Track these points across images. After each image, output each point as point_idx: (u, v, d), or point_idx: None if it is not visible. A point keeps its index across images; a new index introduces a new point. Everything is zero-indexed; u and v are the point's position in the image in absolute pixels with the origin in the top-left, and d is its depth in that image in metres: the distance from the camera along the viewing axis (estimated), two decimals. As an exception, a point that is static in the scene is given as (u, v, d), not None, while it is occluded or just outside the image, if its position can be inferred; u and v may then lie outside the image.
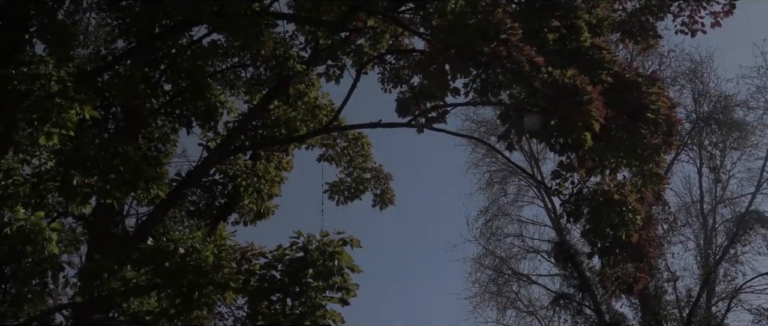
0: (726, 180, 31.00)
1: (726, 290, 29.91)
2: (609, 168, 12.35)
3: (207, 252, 10.92)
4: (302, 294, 10.72)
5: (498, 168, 32.34)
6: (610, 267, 12.90)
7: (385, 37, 15.71)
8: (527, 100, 10.14)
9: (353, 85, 15.23)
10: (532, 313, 31.07)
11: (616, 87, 11.47)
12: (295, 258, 10.94)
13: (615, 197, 12.29)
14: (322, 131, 16.81)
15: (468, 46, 10.35)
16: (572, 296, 30.23)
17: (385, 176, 17.79)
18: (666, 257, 30.14)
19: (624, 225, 12.14)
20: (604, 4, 15.20)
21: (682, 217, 31.19)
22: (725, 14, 14.53)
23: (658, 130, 11.77)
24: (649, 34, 15.01)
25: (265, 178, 16.95)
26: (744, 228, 29.61)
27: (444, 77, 10.61)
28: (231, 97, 16.62)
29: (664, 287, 29.81)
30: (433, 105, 14.75)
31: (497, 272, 31.57)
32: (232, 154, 16.33)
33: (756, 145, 30.64)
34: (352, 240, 11.00)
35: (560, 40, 12.06)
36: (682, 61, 31.50)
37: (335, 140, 17.82)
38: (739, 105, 31.05)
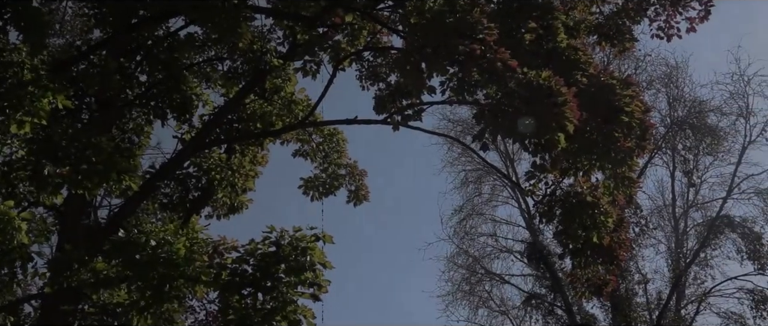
0: (698, 185, 31.29)
1: (695, 293, 30.21)
2: (582, 170, 12.42)
3: (179, 245, 10.86)
4: (273, 289, 10.69)
5: (473, 167, 32.42)
6: (580, 268, 12.98)
7: (363, 34, 15.70)
8: (502, 100, 10.16)
9: (330, 81, 15.21)
10: (504, 313, 31.18)
11: (590, 89, 11.53)
12: (267, 252, 10.91)
13: (587, 199, 12.35)
14: (298, 126, 16.78)
15: (445, 45, 10.38)
16: (544, 296, 30.39)
17: (359, 172, 17.78)
18: (637, 259, 30.39)
19: (596, 228, 12.20)
20: (582, 7, 15.29)
21: (654, 220, 31.44)
22: (700, 20, 14.63)
23: (632, 134, 11.83)
24: (625, 37, 15.10)
25: (239, 172, 16.89)
26: (714, 232, 29.92)
27: (420, 75, 10.62)
28: (207, 89, 16.59)
29: (634, 289, 30.05)
30: (409, 103, 14.76)
31: (470, 271, 31.64)
32: (206, 147, 16.25)
33: (728, 151, 30.99)
34: (324, 236, 10.99)
35: (536, 41, 12.11)
36: (657, 65, 31.79)
37: (311, 136, 17.80)
38: (712, 110, 31.36)
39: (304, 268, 10.76)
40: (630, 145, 11.96)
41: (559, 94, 9.92)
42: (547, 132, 9.97)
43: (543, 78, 10.12)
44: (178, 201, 16.38)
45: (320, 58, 15.59)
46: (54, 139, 11.65)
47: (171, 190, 16.54)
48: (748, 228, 29.77)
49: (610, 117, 11.59)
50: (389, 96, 15.41)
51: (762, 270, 29.00)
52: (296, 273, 10.75)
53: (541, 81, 10.09)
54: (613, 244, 12.77)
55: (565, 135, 10.10)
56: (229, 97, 16.32)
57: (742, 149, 30.31)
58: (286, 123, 16.91)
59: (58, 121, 12.70)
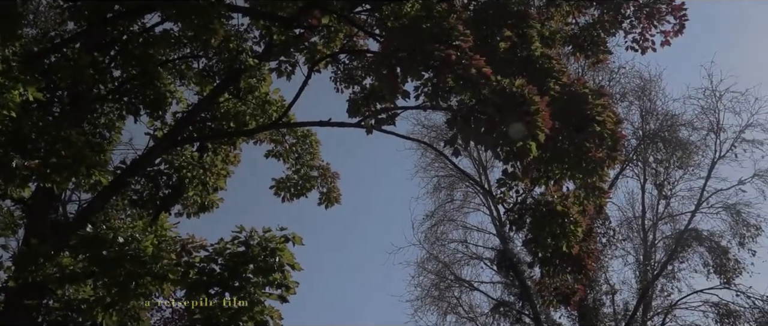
0: (668, 198, 31.57)
1: (662, 305, 30.48)
2: (553, 179, 12.49)
3: (147, 242, 10.78)
4: (241, 289, 10.64)
5: (446, 173, 32.51)
6: (549, 277, 13.05)
7: (339, 37, 15.70)
8: (475, 107, 10.19)
9: (305, 82, 15.19)
10: (472, 319, 31.25)
11: (563, 97, 11.60)
12: (236, 252, 10.85)
13: (558, 208, 12.42)
14: (272, 126, 16.74)
15: (420, 50, 10.40)
16: (512, 304, 30.51)
17: (332, 175, 17.77)
18: (606, 270, 30.61)
19: (565, 237, 12.27)
20: (558, 17, 15.40)
21: (624, 232, 31.67)
22: (675, 34, 14.78)
23: (603, 144, 11.92)
24: (599, 48, 15.24)
25: (211, 171, 16.82)
26: (682, 245, 30.21)
27: (395, 79, 10.63)
28: (181, 87, 16.49)
29: (602, 299, 30.27)
30: (383, 107, 14.77)
31: (440, 277, 31.70)
32: (178, 144, 16.15)
33: (698, 165, 31.28)
34: (294, 238, 10.96)
35: (511, 49, 12.17)
36: (631, 78, 32.09)
37: (284, 136, 17.76)
38: (684, 124, 31.67)
39: (273, 269, 10.72)
40: (601, 155, 12.05)
41: (531, 103, 9.97)
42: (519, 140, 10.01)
43: (516, 86, 10.17)
44: (148, 198, 16.26)
45: (296, 59, 15.57)
46: (23, 131, 11.52)
47: (141, 187, 16.42)
48: (715, 243, 30.09)
49: (582, 126, 11.66)
50: (363, 99, 15.42)
51: (727, 284, 29.33)
52: (265, 273, 10.71)
53: (515, 89, 10.14)
54: (582, 254, 12.85)
55: (536, 143, 10.14)
56: (203, 95, 16.24)
57: (711, 164, 30.65)
58: (260, 123, 16.86)
59: (29, 114, 12.54)
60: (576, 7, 15.24)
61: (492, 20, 12.51)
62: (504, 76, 10.59)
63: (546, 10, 15.44)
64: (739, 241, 29.86)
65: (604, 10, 15.03)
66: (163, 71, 15.80)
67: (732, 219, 30.28)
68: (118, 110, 15.71)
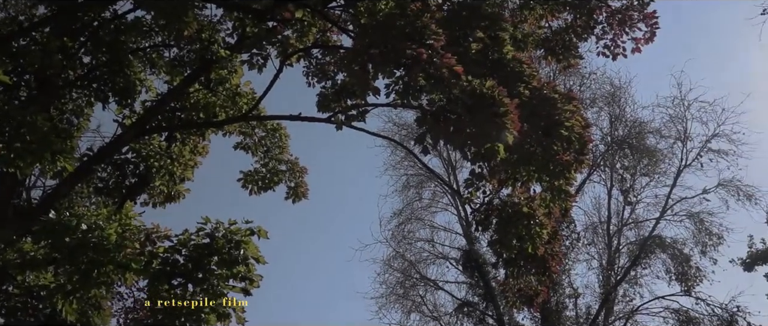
0: (633, 204, 31.88)
1: (624, 310, 30.79)
2: (520, 181, 12.55)
3: (110, 231, 10.71)
4: (204, 281, 10.63)
5: (415, 172, 32.59)
6: (513, 278, 13.11)
7: (313, 31, 15.64)
8: (445, 106, 10.22)
9: (276, 76, 15.14)
10: (436, 318, 31.36)
11: (533, 101, 11.66)
12: (200, 244, 10.85)
13: (524, 210, 12.49)
14: (241, 119, 16.65)
15: (392, 47, 10.41)
16: (476, 305, 30.64)
17: (300, 169, 17.72)
18: (569, 273, 30.87)
19: (530, 239, 12.34)
20: (532, 20, 15.47)
21: (589, 236, 31.96)
22: (646, 41, 14.89)
23: (571, 148, 11.99)
24: (571, 53, 15.33)
25: (178, 161, 16.71)
26: (646, 251, 30.52)
27: (366, 75, 10.62)
28: (151, 75, 16.31)
29: (565, 302, 30.51)
30: (354, 103, 14.75)
31: (405, 275, 31.78)
32: (147, 133, 16.02)
33: (664, 173, 31.64)
34: (259, 231, 10.95)
35: (483, 50, 12.19)
36: (602, 83, 32.37)
37: (253, 129, 17.68)
38: (652, 132, 32.01)
39: (237, 262, 10.72)
40: (568, 159, 12.12)
41: (501, 104, 10.01)
42: (487, 141, 10.05)
43: (487, 87, 10.21)
44: (113, 187, 16.11)
45: (268, 52, 15.50)
46: (-12, 114, 11.40)
47: (108, 175, 16.26)
48: (678, 250, 30.45)
49: (550, 130, 11.72)
50: (334, 95, 15.39)
51: (688, 291, 29.71)
52: (229, 266, 10.71)
53: (485, 90, 10.17)
54: (547, 256, 12.93)
55: (504, 145, 10.19)
56: (173, 84, 16.11)
57: (677, 172, 31.01)
58: (230, 115, 16.76)
59: (-6, 97, 12.42)
60: (549, 11, 15.31)
61: (465, 21, 12.53)
62: (475, 77, 10.61)
63: (519, 13, 15.51)
64: (701, 250, 30.28)
65: (576, 15, 15.12)
66: (134, 59, 15.66)
67: (695, 228, 30.69)
68: (87, 97, 15.53)
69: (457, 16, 12.71)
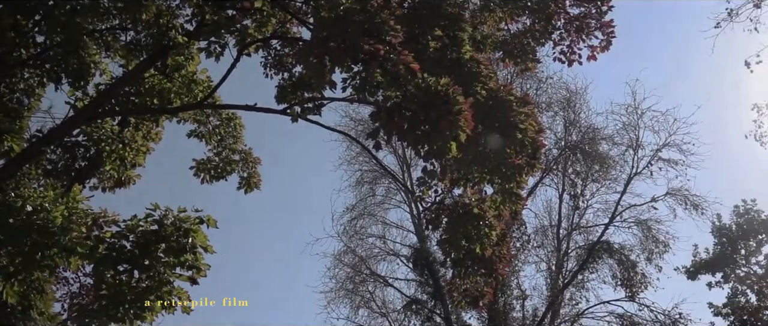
0: (583, 209, 32.27)
1: (569, 313, 31.17)
2: (472, 182, 12.62)
3: (56, 213, 10.55)
4: (151, 268, 10.54)
5: (370, 168, 32.63)
6: (460, 278, 13.17)
7: (272, 22, 15.56)
8: (400, 103, 10.24)
9: (233, 65, 15.03)
10: (383, 315, 31.44)
11: (488, 102, 11.72)
12: (148, 230, 10.74)
13: (474, 211, 12.55)
14: (196, 106, 16.52)
15: (350, 42, 10.40)
16: (424, 303, 30.78)
17: (253, 160, 17.63)
18: (518, 275, 31.17)
19: (479, 239, 12.40)
20: (491, 22, 15.57)
21: (539, 239, 32.28)
22: (602, 49, 15.05)
23: (524, 151, 12.08)
24: (528, 57, 15.43)
25: (130, 146, 16.53)
26: (594, 256, 30.91)
27: (323, 69, 10.60)
28: (106, 58, 16.07)
29: (512, 304, 30.80)
30: (310, 96, 14.71)
31: (355, 270, 31.81)
32: (99, 117, 15.82)
33: (615, 179, 32.04)
34: (209, 220, 10.87)
35: (441, 49, 12.24)
36: (558, 88, 32.67)
37: (208, 117, 17.54)
38: (605, 139, 32.39)
39: (185, 250, 10.64)
40: (520, 162, 12.21)
41: (455, 103, 10.05)
42: (440, 138, 10.09)
43: (442, 85, 10.25)
44: (62, 169, 15.89)
45: (226, 41, 15.39)
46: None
47: (57, 157, 16.04)
48: (625, 256, 30.89)
49: (504, 132, 11.80)
50: (292, 86, 15.33)
51: (633, 297, 30.18)
52: (176, 254, 10.62)
53: (440, 88, 10.21)
54: (494, 258, 13.01)
55: (457, 144, 10.23)
56: (128, 68, 15.91)
57: (628, 179, 31.39)
58: (185, 102, 16.61)
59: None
60: (509, 14, 15.42)
61: (425, 19, 12.56)
62: (432, 75, 10.64)
63: (480, 14, 15.60)
64: (648, 256, 30.76)
65: (535, 19, 15.23)
66: (89, 41, 15.42)
67: (642, 235, 31.15)
68: (39, 77, 15.28)
69: (416, 14, 12.73)
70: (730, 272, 32.38)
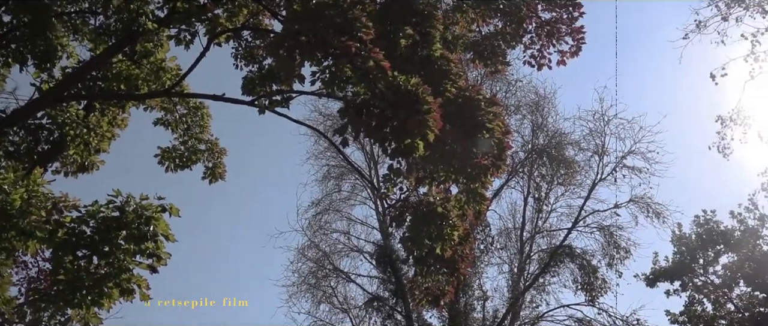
0: (547, 213, 32.50)
1: (529, 316, 31.39)
2: (438, 181, 12.65)
3: (15, 196, 10.40)
4: (110, 255, 10.44)
5: (337, 163, 32.62)
6: (421, 276, 13.21)
7: (244, 13, 15.49)
8: (369, 99, 10.25)
9: (202, 54, 14.94)
10: (345, 311, 31.44)
11: (457, 101, 11.76)
12: (109, 216, 10.64)
13: (438, 210, 12.58)
14: (164, 94, 16.39)
15: (321, 36, 10.38)
16: (386, 300, 30.83)
17: (220, 150, 17.53)
18: (480, 276, 31.31)
19: (441, 239, 12.43)
20: (463, 23, 15.62)
21: (502, 241, 32.44)
22: (572, 55, 15.16)
23: (490, 152, 12.14)
24: (498, 59, 15.51)
25: (95, 131, 16.35)
26: (556, 260, 31.15)
27: (292, 62, 10.57)
28: (74, 41, 15.92)
29: (473, 304, 30.93)
30: (279, 89, 14.66)
31: (318, 265, 31.76)
32: (65, 100, 15.64)
33: (580, 184, 32.28)
34: (171, 208, 10.80)
35: (412, 47, 12.26)
36: (527, 92, 32.87)
37: (175, 106, 17.40)
38: (571, 144, 32.63)
39: (146, 238, 10.57)
40: (486, 162, 12.28)
41: (424, 103, 10.08)
42: (408, 137, 10.11)
43: (411, 84, 10.27)
44: (25, 152, 15.68)
45: (196, 29, 15.30)
46: None
47: (20, 139, 15.82)
48: (586, 261, 31.15)
49: (472, 132, 11.84)
50: (260, 78, 15.26)
51: (592, 301, 30.47)
52: (137, 241, 10.54)
53: (410, 86, 10.23)
54: (456, 257, 13.05)
55: (424, 143, 10.26)
56: (96, 52, 15.75)
57: (592, 185, 31.65)
58: (152, 89, 16.48)
59: None
60: (481, 15, 15.48)
61: (396, 16, 12.57)
62: (402, 73, 10.66)
63: (452, 14, 15.64)
64: (609, 262, 31.03)
65: (507, 22, 15.31)
66: (57, 23, 15.24)
67: (604, 241, 31.40)
68: (4, 57, 15.07)
69: (388, 11, 12.73)
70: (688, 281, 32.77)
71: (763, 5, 24.21)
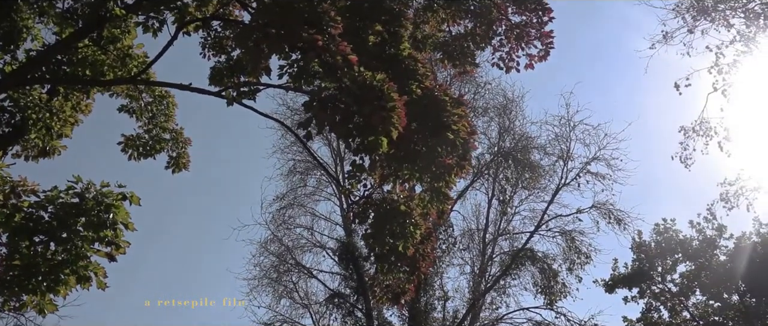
0: (510, 216, 32.68)
1: (489, 317, 31.55)
2: (402, 179, 12.65)
3: (-27, 178, 10.26)
4: (68, 241, 10.33)
5: (303, 158, 32.54)
6: (382, 273, 13.20)
7: (213, 2, 15.37)
8: (335, 94, 10.21)
9: (170, 42, 14.77)
10: (305, 306, 31.38)
11: (423, 100, 11.77)
12: (68, 203, 10.53)
13: (401, 208, 12.57)
14: (130, 81, 16.21)
15: (289, 29, 10.33)
16: (347, 297, 30.81)
17: (184, 140, 17.37)
18: (442, 276, 31.41)
19: (403, 237, 12.42)
20: (433, 23, 15.65)
21: (465, 242, 32.57)
22: (540, 59, 15.25)
23: (454, 152, 12.16)
24: (467, 60, 15.57)
25: (58, 116, 16.15)
26: (517, 263, 31.34)
27: (259, 54, 10.51)
28: (39, 24, 15.70)
29: (434, 304, 31.01)
30: (246, 80, 14.57)
31: (281, 260, 31.67)
32: (28, 83, 15.42)
33: (544, 189, 32.52)
34: (132, 197, 10.71)
35: (380, 44, 12.25)
36: (495, 95, 33.02)
37: (141, 93, 17.23)
38: (537, 148, 32.85)
39: (105, 225, 10.47)
40: (451, 162, 12.30)
41: (389, 99, 10.06)
42: (372, 133, 10.10)
43: (377, 80, 10.25)
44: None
45: (165, 17, 15.12)
46: None
47: (-19, 121, 15.59)
48: (548, 265, 31.37)
49: (437, 131, 11.86)
50: (228, 69, 15.16)
51: (551, 305, 30.70)
52: (95, 228, 10.44)
53: (375, 82, 10.22)
54: (418, 256, 13.06)
55: (388, 140, 10.25)
56: (61, 36, 15.54)
57: (556, 189, 31.91)
58: (118, 75, 16.29)
59: None
60: (452, 15, 15.52)
61: (366, 13, 12.56)
62: (369, 69, 10.64)
63: (423, 13, 15.67)
64: (569, 267, 31.29)
65: (477, 23, 15.37)
66: (23, 4, 15.04)
67: (566, 245, 31.65)
68: (-34, 38, 14.86)
69: (358, 8, 12.72)
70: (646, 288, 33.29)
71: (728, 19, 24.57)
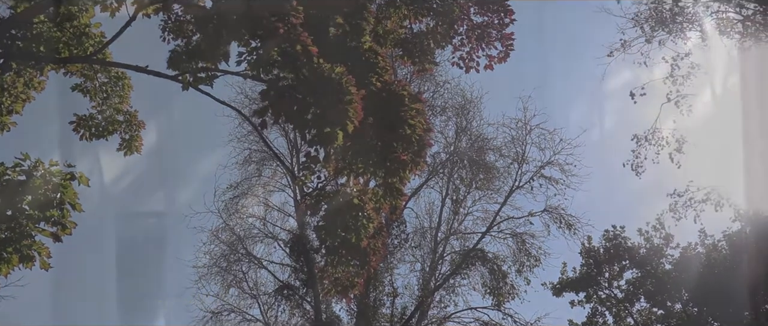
0: (463, 215, 32.83)
1: (437, 315, 31.70)
2: (356, 173, 12.64)
3: None
4: (13, 219, 10.15)
5: (258, 148, 32.31)
6: (332, 266, 13.19)
7: (175, -15, 15.17)
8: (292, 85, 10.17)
9: (128, 22, 14.56)
10: (254, 297, 31.24)
11: (382, 94, 11.77)
12: (15, 180, 10.35)
13: (354, 201, 12.56)
14: (85, 60, 15.95)
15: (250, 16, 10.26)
16: (296, 289, 30.73)
17: (138, 123, 17.13)
18: (392, 272, 31.46)
19: (355, 230, 12.42)
20: (395, 18, 15.61)
21: (417, 239, 32.63)
22: (500, 60, 15.30)
23: (410, 148, 12.18)
24: (427, 58, 15.57)
25: (9, 92, 15.82)
26: (467, 262, 31.53)
27: (218, 39, 10.43)
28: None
29: (383, 300, 31.08)
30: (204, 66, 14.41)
31: (231, 249, 31.47)
32: (-21, 57, 15.09)
33: (497, 190, 32.69)
34: (81, 177, 10.55)
35: (341, 36, 12.21)
36: (454, 94, 33.08)
37: (96, 73, 16.95)
38: (493, 150, 33.00)
39: (52, 204, 10.30)
40: (406, 158, 12.32)
41: (346, 93, 10.05)
42: (327, 125, 10.07)
43: (336, 72, 10.23)
44: (-70, 108, 15.11)
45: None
46: None
47: (-74, 95, 15.24)
48: (497, 266, 31.59)
49: (394, 126, 11.87)
50: (187, 54, 14.96)
51: (499, 306, 30.98)
52: (42, 207, 10.27)
53: (334, 75, 10.20)
54: (368, 249, 13.06)
55: (343, 133, 10.23)
56: (16, 11, 15.23)
57: (509, 191, 32.10)
58: (74, 54, 16.02)
59: None
60: (414, 13, 15.51)
61: (328, 5, 12.51)
62: (328, 61, 10.61)
63: (385, 9, 15.63)
64: (518, 269, 31.58)
65: (439, 22, 15.39)
66: (-22, -23, 14.75)
67: (516, 247, 31.90)
68: None
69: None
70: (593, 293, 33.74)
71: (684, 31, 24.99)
